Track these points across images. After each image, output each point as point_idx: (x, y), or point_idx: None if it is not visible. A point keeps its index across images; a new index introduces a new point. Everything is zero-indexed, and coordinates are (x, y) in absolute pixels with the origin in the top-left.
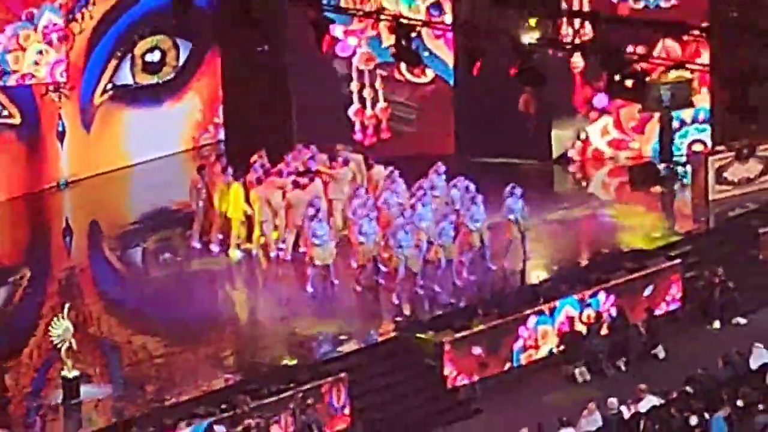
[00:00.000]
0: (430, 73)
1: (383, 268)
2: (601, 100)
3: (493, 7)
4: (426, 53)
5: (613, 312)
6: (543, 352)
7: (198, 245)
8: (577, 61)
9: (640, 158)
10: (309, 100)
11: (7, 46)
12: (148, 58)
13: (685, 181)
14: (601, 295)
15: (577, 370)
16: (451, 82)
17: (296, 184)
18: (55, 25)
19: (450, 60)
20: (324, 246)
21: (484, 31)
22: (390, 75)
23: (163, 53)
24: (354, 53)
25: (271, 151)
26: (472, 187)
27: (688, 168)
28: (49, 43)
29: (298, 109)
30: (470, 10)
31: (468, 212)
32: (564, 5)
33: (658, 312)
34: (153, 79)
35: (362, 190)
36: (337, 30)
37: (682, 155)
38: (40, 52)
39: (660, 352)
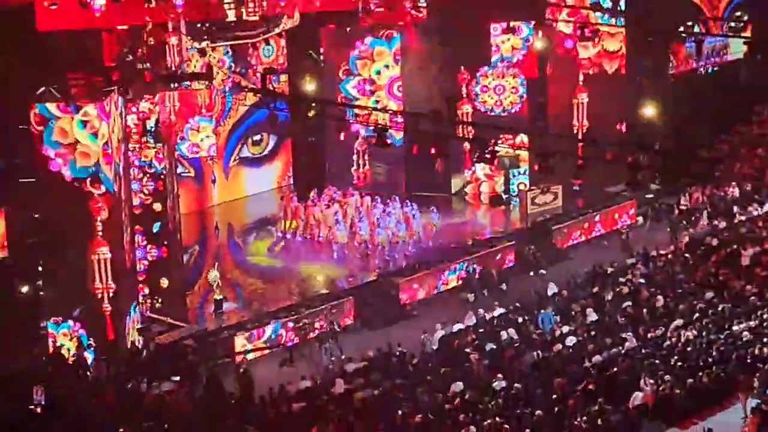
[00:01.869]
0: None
1: (371, 246)
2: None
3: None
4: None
5: (480, 268)
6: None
7: (280, 235)
8: (466, 144)
9: (495, 192)
10: (334, 162)
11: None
12: (255, 140)
13: (516, 204)
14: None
15: (468, 296)
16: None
17: (327, 206)
18: (193, 146)
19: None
20: (341, 236)
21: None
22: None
23: (262, 140)
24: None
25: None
26: (415, 207)
27: (518, 197)
28: (196, 153)
29: (329, 167)
30: (413, 121)
31: (413, 219)
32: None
33: (504, 267)
34: (258, 153)
35: (361, 209)
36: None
37: (515, 191)
38: (196, 152)
39: (504, 286)
